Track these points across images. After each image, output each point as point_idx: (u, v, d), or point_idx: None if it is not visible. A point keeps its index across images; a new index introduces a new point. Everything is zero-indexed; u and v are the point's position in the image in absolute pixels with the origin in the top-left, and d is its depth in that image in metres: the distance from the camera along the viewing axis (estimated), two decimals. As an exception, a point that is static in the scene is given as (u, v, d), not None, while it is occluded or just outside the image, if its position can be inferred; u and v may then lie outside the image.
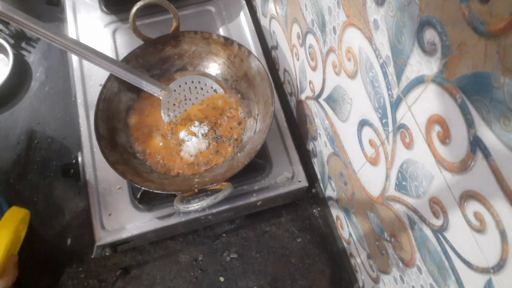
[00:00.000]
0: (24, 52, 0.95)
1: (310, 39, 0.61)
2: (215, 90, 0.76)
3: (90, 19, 0.89)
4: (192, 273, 0.74)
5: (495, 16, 0.26)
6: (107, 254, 0.70)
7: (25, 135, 0.86)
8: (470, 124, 0.31)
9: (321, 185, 0.77)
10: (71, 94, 0.86)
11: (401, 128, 0.42)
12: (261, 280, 0.74)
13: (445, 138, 0.35)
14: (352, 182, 0.61)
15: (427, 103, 0.36)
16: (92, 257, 0.72)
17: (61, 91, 0.90)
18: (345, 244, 0.73)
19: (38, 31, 0.59)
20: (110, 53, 0.84)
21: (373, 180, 0.53)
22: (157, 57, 0.77)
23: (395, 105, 0.42)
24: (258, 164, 0.73)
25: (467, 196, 0.34)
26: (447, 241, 0.39)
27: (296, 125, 0.82)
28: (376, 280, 0.62)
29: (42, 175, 0.82)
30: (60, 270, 0.73)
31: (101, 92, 0.71)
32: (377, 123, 0.47)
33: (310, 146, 0.77)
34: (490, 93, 0.28)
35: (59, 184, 0.81)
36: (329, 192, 0.73)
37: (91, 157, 0.73)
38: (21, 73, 0.92)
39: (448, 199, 0.37)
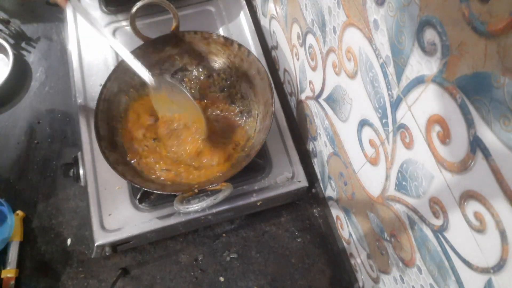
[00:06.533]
0: (24, 52, 0.95)
1: (310, 39, 0.61)
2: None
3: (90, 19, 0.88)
4: (192, 273, 0.74)
5: (495, 16, 0.26)
6: (107, 254, 0.70)
7: (25, 135, 0.86)
8: (470, 124, 0.31)
9: (321, 185, 0.77)
10: (71, 94, 0.86)
11: (401, 128, 0.42)
12: (261, 280, 0.74)
13: (445, 138, 0.35)
14: (352, 182, 0.61)
15: (427, 103, 0.36)
16: (92, 257, 0.72)
17: (61, 91, 0.90)
18: (345, 244, 0.73)
19: None
20: (110, 53, 0.84)
21: (373, 180, 0.53)
22: (157, 57, 0.77)
23: (395, 105, 0.42)
24: (258, 164, 0.73)
25: (467, 196, 0.34)
26: (447, 241, 0.39)
27: (296, 125, 0.82)
28: (376, 280, 0.62)
29: (42, 175, 0.82)
30: (60, 270, 0.73)
31: (101, 92, 0.71)
32: (377, 123, 0.47)
33: (310, 146, 0.77)
34: (490, 93, 0.28)
35: (59, 184, 0.81)
36: (329, 192, 0.73)
37: (91, 157, 0.73)
38: (21, 73, 0.92)
39: (448, 199, 0.37)
